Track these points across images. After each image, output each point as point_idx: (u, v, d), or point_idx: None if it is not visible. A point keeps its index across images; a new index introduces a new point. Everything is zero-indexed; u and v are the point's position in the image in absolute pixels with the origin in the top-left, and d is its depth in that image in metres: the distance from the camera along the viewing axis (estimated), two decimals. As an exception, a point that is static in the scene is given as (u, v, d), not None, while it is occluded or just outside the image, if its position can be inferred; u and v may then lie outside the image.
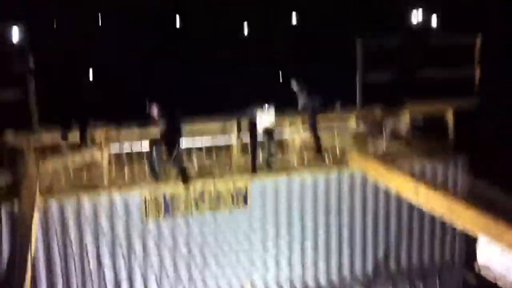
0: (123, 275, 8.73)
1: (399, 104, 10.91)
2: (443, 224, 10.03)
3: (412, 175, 9.06)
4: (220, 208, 9.31)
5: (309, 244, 9.72)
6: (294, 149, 10.31)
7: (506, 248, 6.83)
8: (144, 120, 9.26)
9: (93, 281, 8.54)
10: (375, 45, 11.50)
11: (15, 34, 10.14)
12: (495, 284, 9.48)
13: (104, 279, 8.58)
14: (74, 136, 9.36)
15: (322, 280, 9.83)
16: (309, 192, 9.70)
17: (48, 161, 9.10)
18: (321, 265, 9.72)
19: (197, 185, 9.24)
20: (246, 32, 18.81)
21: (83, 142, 9.19)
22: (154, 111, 8.84)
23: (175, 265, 8.97)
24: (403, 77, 11.48)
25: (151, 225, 9.04)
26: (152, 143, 8.81)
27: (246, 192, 9.47)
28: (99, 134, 9.42)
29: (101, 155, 9.36)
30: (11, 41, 10.33)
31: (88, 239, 8.68)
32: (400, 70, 11.47)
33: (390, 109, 10.95)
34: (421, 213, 9.93)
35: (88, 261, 8.45)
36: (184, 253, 8.98)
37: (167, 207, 9.10)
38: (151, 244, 8.86)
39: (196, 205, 9.22)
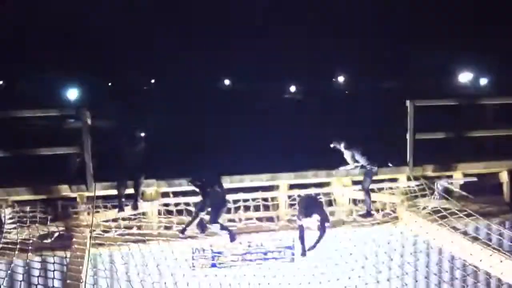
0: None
1: (452, 163, 10.74)
2: (499, 285, 9.58)
3: (465, 234, 8.81)
4: (267, 261, 9.23)
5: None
6: (343, 205, 10.21)
7: None
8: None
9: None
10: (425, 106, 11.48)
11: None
12: None
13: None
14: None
15: None
16: (357, 249, 9.51)
17: (101, 213, 9.38)
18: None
19: (244, 238, 9.25)
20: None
21: (135, 195, 9.39)
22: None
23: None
24: (456, 137, 11.34)
25: (199, 276, 9.04)
26: None
27: (293, 247, 9.38)
28: (150, 187, 9.68)
29: (151, 208, 9.58)
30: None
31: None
32: (453, 130, 11.34)
33: (443, 167, 10.79)
34: (475, 273, 9.52)
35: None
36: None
37: (214, 258, 9.11)
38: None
39: (243, 258, 9.19)
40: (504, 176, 10.88)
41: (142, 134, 9.66)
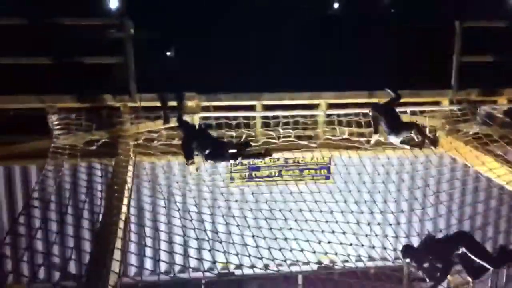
0: (207, 233, 9.05)
1: (497, 88, 10.48)
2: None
3: (505, 160, 8.73)
4: (303, 179, 9.42)
5: (390, 221, 9.61)
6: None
7: None
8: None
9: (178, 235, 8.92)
10: (475, 27, 11.05)
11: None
12: None
13: (187, 235, 8.95)
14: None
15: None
16: (394, 171, 9.59)
17: (143, 123, 9.61)
18: (402, 243, 9.59)
19: (281, 155, 9.39)
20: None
21: (179, 108, 9.54)
22: None
23: (256, 230, 9.16)
24: (503, 61, 10.96)
25: (235, 190, 9.32)
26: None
27: (329, 166, 9.51)
28: (191, 101, 9.81)
29: (192, 121, 9.75)
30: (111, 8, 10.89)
31: (177, 198, 9.08)
32: (500, 54, 10.94)
33: (487, 92, 10.55)
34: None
35: (175, 217, 8.82)
36: (265, 220, 9.14)
37: (252, 173, 9.34)
38: (234, 207, 9.12)
39: (280, 174, 9.39)
40: (549, 103, 10.60)
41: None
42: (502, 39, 11.06)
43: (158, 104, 9.59)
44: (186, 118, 9.47)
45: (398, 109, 10.11)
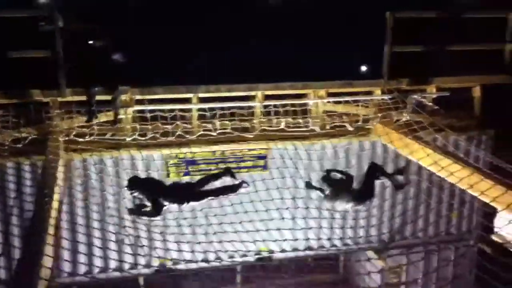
0: (143, 231, 8.92)
1: (427, 77, 10.80)
2: (462, 196, 10.01)
3: (435, 147, 9.01)
4: (240, 171, 9.41)
5: (326, 209, 9.76)
6: (317, 117, 10.31)
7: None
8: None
9: (113, 232, 8.74)
10: (405, 17, 11.32)
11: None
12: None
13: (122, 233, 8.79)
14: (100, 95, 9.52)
15: (338, 245, 9.92)
16: (329, 159, 9.75)
17: (74, 119, 9.32)
18: (338, 230, 9.79)
19: (218, 148, 9.35)
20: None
21: (112, 102, 9.31)
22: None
23: (192, 225, 9.10)
24: (432, 51, 11.29)
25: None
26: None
27: (266, 156, 9.55)
28: (125, 94, 9.59)
29: (125, 115, 9.56)
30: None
31: (109, 197, 8.88)
32: (430, 44, 11.26)
33: (417, 81, 10.85)
34: (441, 185, 9.90)
35: (109, 216, 8.64)
36: (202, 213, 9.09)
37: (188, 167, 9.24)
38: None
39: (217, 167, 9.34)
40: (476, 91, 11.02)
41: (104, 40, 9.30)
42: (431, 29, 11.39)
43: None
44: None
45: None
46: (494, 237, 8.07)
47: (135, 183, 8.51)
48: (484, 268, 6.86)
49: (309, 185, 9.39)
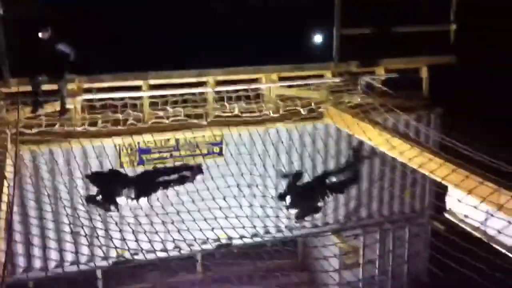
0: (97, 222, 8.72)
1: (375, 59, 10.96)
2: (414, 176, 10.27)
3: (386, 128, 9.19)
4: (195, 158, 9.33)
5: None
6: (270, 101, 10.32)
7: (475, 199, 7.04)
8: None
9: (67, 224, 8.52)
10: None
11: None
12: (463, 233, 9.81)
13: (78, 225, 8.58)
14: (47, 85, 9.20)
15: (296, 227, 10.01)
16: (283, 143, 9.80)
17: (20, 110, 8.97)
18: (294, 213, 9.85)
19: (172, 135, 9.23)
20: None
21: (59, 92, 9.01)
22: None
23: (149, 214, 8.97)
24: (380, 32, 11.46)
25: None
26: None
27: (221, 142, 9.50)
28: (72, 83, 9.30)
29: (74, 104, 9.28)
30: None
31: (61, 187, 8.64)
32: (377, 26, 11.43)
33: (366, 63, 11.01)
34: (393, 165, 10.13)
35: (63, 207, 8.40)
36: (159, 202, 8.97)
37: (141, 156, 9.09)
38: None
39: (171, 155, 9.23)
40: (424, 72, 11.28)
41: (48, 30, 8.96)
42: (377, 10, 11.56)
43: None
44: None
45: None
46: (446, 215, 8.32)
47: (93, 178, 8.35)
48: (436, 246, 7.08)
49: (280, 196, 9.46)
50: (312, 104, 10.26)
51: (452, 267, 6.37)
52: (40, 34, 8.65)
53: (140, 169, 9.37)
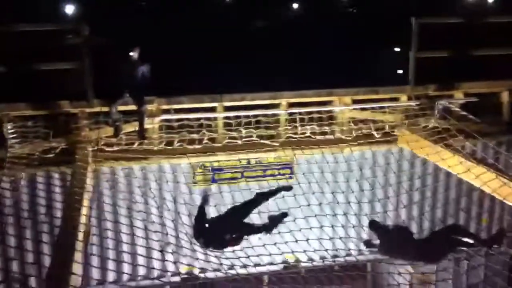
0: (171, 238, 8.92)
1: (453, 83, 10.68)
2: (492, 202, 9.83)
3: (463, 154, 8.89)
4: (266, 179, 9.40)
5: (353, 218, 9.67)
6: (343, 124, 10.26)
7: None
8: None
9: (142, 242, 8.77)
10: (431, 23, 11.24)
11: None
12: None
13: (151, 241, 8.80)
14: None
15: (365, 252, 9.80)
16: (355, 167, 9.67)
17: (102, 129, 9.44)
18: (364, 238, 9.66)
19: (244, 156, 9.37)
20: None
21: (137, 111, 9.40)
22: None
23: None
24: (459, 56, 11.19)
25: (198, 192, 9.25)
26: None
27: (292, 165, 9.51)
28: (151, 104, 9.70)
29: (153, 124, 9.65)
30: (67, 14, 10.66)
31: (139, 205, 8.95)
32: (456, 49, 11.17)
33: (444, 87, 10.74)
34: (470, 191, 9.75)
35: (137, 226, 8.68)
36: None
37: (214, 175, 9.26)
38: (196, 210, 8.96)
39: (243, 175, 9.34)
40: (504, 96, 10.86)
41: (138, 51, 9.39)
42: (456, 34, 11.31)
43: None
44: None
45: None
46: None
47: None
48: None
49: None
50: (386, 127, 10.12)
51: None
52: (131, 53, 9.10)
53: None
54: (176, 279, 9.12)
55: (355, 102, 10.43)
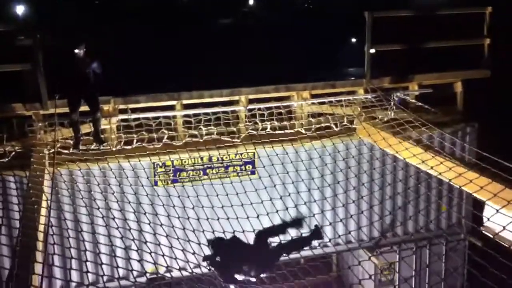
0: (134, 236, 8.77)
1: (408, 75, 10.90)
2: (450, 191, 10.05)
3: (419, 143, 9.07)
4: (228, 176, 9.36)
5: (316, 210, 9.73)
6: (302, 118, 10.32)
7: (512, 212, 6.86)
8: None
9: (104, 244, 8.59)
10: (384, 17, 11.42)
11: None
12: (501, 248, 9.52)
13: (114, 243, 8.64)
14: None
15: (329, 244, 9.88)
16: (316, 161, 9.74)
17: (57, 130, 9.21)
18: (328, 230, 9.75)
19: (206, 153, 9.31)
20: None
21: (92, 117, 9.21)
22: None
23: (184, 229, 8.97)
24: (413, 48, 11.41)
25: (160, 191, 9.14)
26: None
27: (253, 160, 9.50)
28: (108, 104, 9.53)
29: (110, 124, 9.49)
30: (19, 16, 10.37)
31: (99, 204, 8.77)
32: (410, 41, 11.38)
33: (399, 79, 10.95)
34: (428, 181, 9.95)
35: (99, 227, 8.50)
36: (192, 218, 8.96)
37: (176, 174, 9.17)
38: (159, 209, 8.86)
39: (205, 173, 9.28)
40: (458, 87, 11.15)
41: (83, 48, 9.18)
42: (409, 27, 11.52)
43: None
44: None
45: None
46: (482, 229, 8.11)
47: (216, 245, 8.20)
48: (474, 261, 6.89)
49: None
50: (345, 120, 10.23)
51: (489, 283, 6.19)
52: (76, 51, 8.90)
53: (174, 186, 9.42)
54: (141, 280, 8.98)
55: (313, 96, 10.53)
